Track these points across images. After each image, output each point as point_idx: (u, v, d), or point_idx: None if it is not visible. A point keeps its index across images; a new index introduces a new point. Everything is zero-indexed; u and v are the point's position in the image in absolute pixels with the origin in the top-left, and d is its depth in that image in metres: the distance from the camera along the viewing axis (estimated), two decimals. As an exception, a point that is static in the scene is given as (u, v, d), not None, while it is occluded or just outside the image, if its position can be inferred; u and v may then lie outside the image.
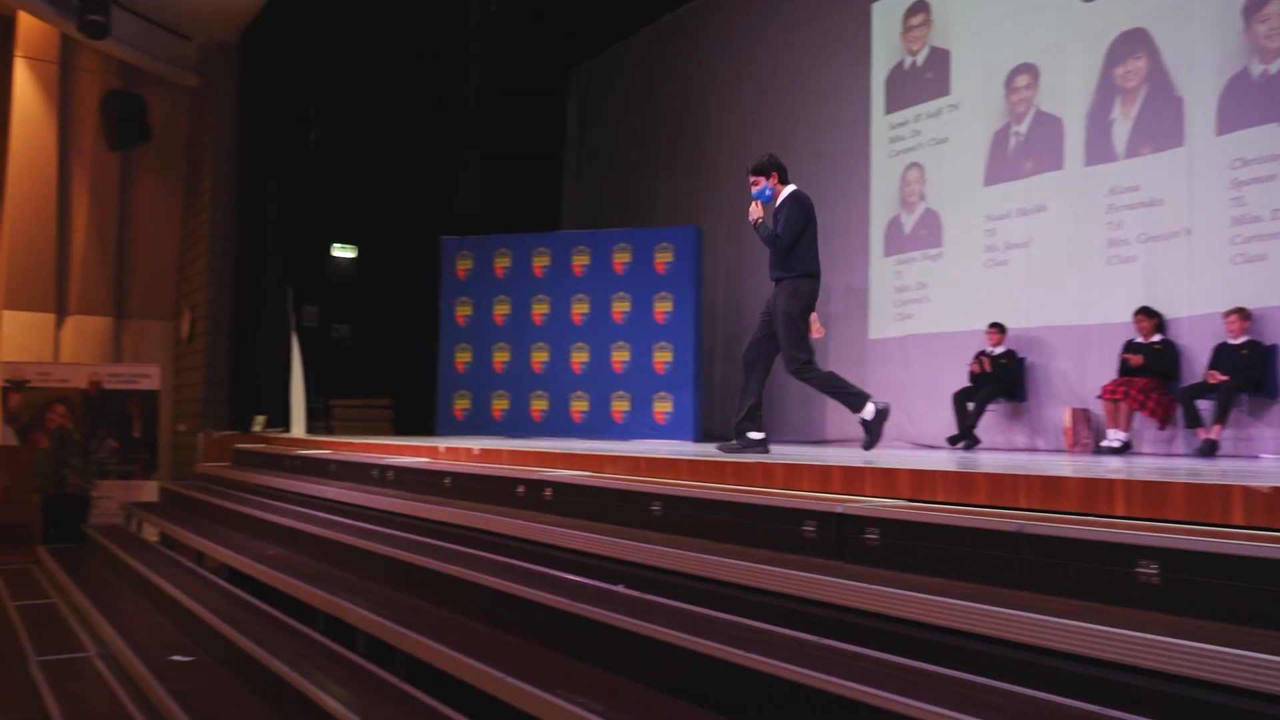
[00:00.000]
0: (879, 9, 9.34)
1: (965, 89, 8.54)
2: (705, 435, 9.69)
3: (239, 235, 11.39)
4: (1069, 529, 2.35)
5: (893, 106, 9.23)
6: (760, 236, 5.32)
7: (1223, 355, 6.46)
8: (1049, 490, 2.74)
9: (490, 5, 11.39)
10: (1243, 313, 6.38)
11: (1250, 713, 1.72)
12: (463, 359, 10.48)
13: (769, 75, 10.61)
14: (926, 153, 8.87)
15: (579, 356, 10.03)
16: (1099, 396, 7.06)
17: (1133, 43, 7.30)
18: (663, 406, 9.70)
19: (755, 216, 5.30)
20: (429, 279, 11.00)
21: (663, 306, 9.76)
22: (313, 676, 3.42)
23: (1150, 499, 2.55)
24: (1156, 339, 6.90)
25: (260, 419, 10.22)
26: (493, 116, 11.88)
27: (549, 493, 4.28)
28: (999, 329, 7.87)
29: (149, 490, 10.02)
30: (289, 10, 10.62)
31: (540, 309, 10.22)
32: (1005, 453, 7.11)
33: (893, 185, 9.19)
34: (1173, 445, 6.90)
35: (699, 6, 11.55)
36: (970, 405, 7.81)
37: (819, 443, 9.50)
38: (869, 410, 5.18)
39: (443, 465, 5.39)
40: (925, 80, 8.92)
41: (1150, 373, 6.80)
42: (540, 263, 10.25)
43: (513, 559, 3.94)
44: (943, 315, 8.59)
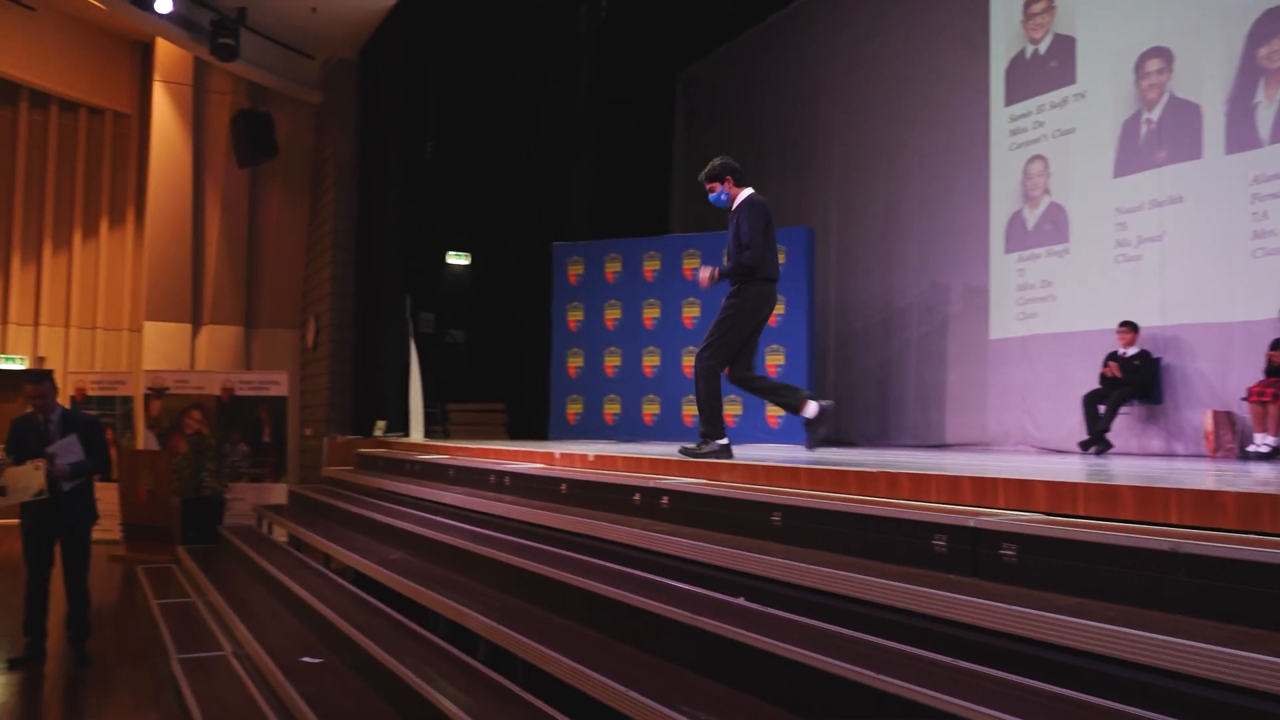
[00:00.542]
0: (998, -2, 9.02)
1: (1092, 77, 8.17)
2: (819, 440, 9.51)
3: (360, 246, 11.76)
4: (1230, 549, 2.18)
5: (1013, 98, 8.89)
6: (725, 272, 5.07)
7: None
8: (1204, 505, 2.56)
9: (600, 11, 11.45)
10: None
11: None
12: (574, 363, 10.56)
13: (881, 71, 10.37)
14: (1050, 144, 8.52)
15: (690, 360, 9.97)
16: (1244, 399, 6.64)
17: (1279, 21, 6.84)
18: (775, 411, 9.55)
19: (705, 279, 5.12)
20: (541, 285, 11.13)
21: (775, 309, 9.61)
22: (436, 683, 3.47)
23: (1319, 515, 2.35)
24: (1309, 336, 6.44)
25: (381, 424, 10.52)
26: (603, 122, 11.97)
27: (665, 500, 4.25)
28: (1131, 328, 7.48)
29: (278, 493, 10.44)
30: (405, 25, 10.92)
31: (651, 313, 10.22)
32: (1141, 458, 6.74)
33: (1014, 179, 8.86)
34: (1329, 451, 6.44)
35: (808, 4, 11.39)
36: (1101, 408, 7.44)
37: (938, 447, 9.23)
38: (811, 408, 5.03)
39: (558, 471, 5.42)
40: (1049, 69, 8.57)
41: (1302, 373, 6.36)
42: (651, 266, 10.25)
43: (629, 567, 3.92)
44: (1069, 314, 8.22)
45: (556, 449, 6.14)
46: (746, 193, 5.15)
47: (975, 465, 4.32)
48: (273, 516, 8.43)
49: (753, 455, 5.60)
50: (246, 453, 10.72)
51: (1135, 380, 7.40)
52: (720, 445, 5.03)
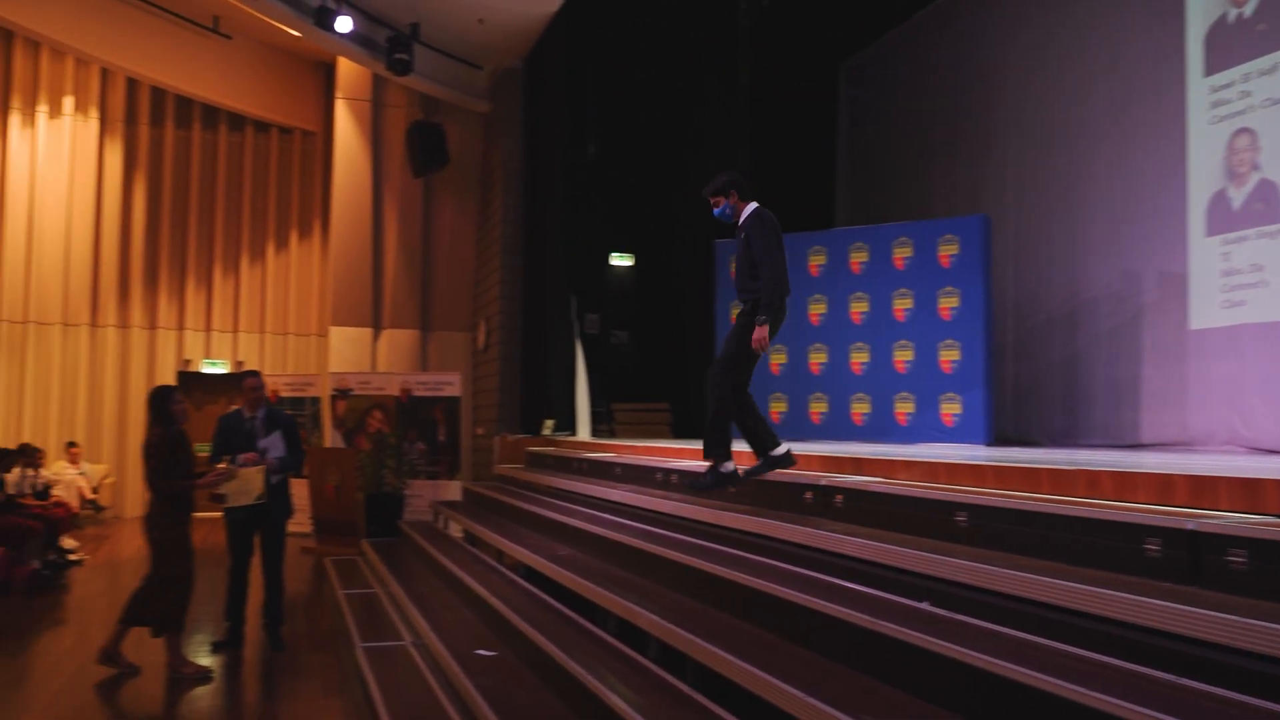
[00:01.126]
0: (1195, -40, 8.32)
1: (1309, 38, 7.40)
2: (998, 439, 9.05)
3: (527, 249, 12.04)
4: None
5: (1214, 67, 8.16)
6: (765, 306, 4.75)
7: None
8: None
9: (761, 4, 11.30)
10: None
11: None
12: (777, 360, 10.41)
13: (1062, 48, 9.75)
14: (1259, 116, 7.76)
15: (859, 357, 9.69)
16: None
17: None
18: (950, 408, 9.14)
19: (763, 339, 4.81)
20: (704, 283, 11.06)
21: (948, 302, 9.21)
22: (607, 680, 3.44)
23: None
24: None
25: (549, 423, 10.71)
26: (764, 117, 11.79)
27: (839, 499, 4.08)
28: (1361, 314, 6.72)
29: (452, 490, 10.80)
30: (568, 30, 11.09)
31: (817, 309, 9.97)
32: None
33: (1216, 155, 8.13)
34: None
35: (980, -16, 10.86)
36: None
37: (1132, 446, 8.58)
38: (780, 448, 4.73)
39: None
40: (1256, 34, 7.81)
41: None
42: (816, 261, 10.01)
43: (802, 568, 3.78)
44: (1285, 300, 7.47)
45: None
46: (752, 207, 4.97)
47: (1184, 464, 3.95)
48: (448, 513, 8.71)
49: (928, 453, 5.34)
50: (423, 451, 11.15)
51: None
52: (781, 454, 4.75)
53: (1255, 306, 7.74)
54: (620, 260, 13.33)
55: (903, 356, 9.47)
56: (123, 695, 4.95)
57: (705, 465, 4.91)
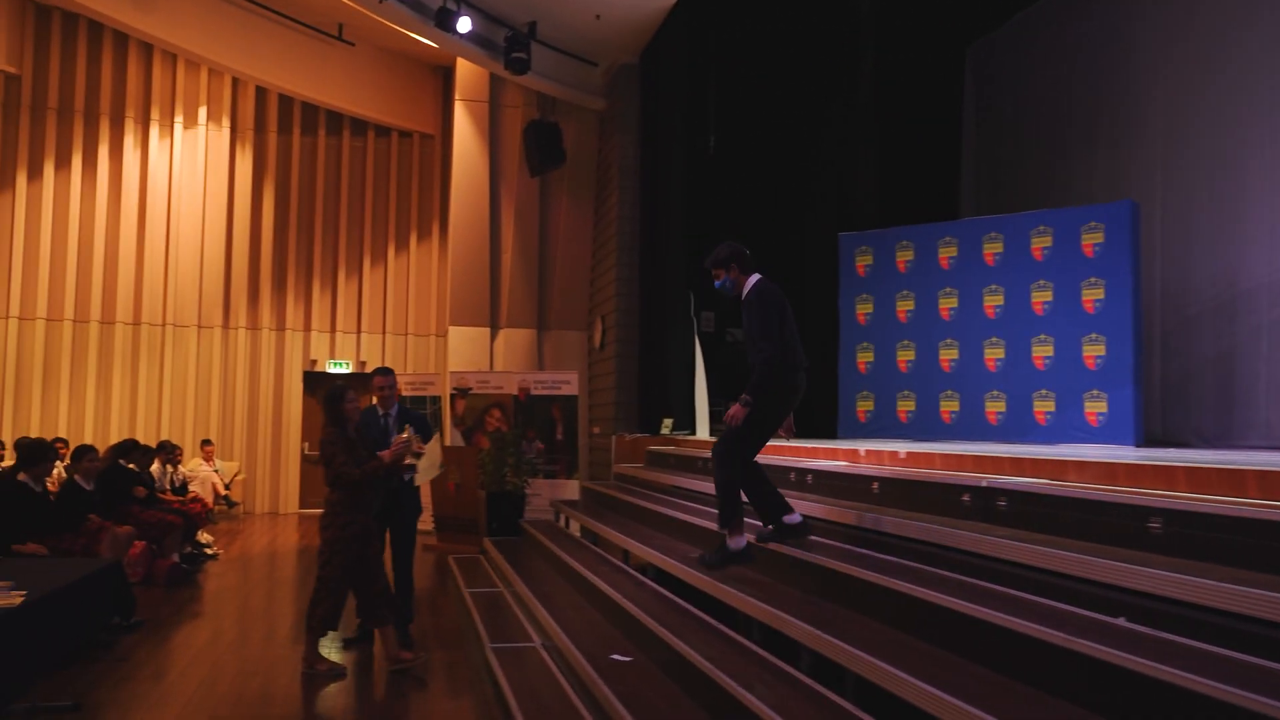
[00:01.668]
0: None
1: None
2: (1147, 439, 8.46)
3: (644, 247, 11.90)
4: None
5: (1399, 33, 7.44)
6: (753, 385, 4.62)
7: None
8: None
9: (883, -13, 10.91)
10: None
11: None
12: (864, 359, 10.06)
13: (1220, 21, 9.07)
14: None
15: (994, 353, 9.21)
16: None
17: None
18: (1095, 406, 8.59)
19: (737, 414, 4.59)
20: (823, 278, 10.73)
21: (1092, 294, 8.66)
22: (756, 690, 3.22)
23: None
24: None
25: (668, 422, 10.54)
26: (887, 105, 11.36)
27: (1003, 502, 3.77)
28: None
29: (571, 489, 10.75)
30: (685, 23, 10.91)
31: (948, 303, 9.52)
32: None
33: (1402, 130, 7.41)
34: None
35: (1121, -43, 10.22)
36: None
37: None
38: (739, 540, 4.51)
39: (867, 469, 5.04)
40: None
41: None
42: (947, 253, 9.56)
43: (965, 575, 3.49)
44: None
45: (862, 446, 5.77)
46: (754, 279, 4.76)
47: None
48: (570, 511, 8.63)
49: (1092, 454, 4.94)
50: (541, 450, 11.13)
51: None
52: (797, 522, 4.54)
53: None
54: (735, 258, 13.09)
55: (1042, 352, 8.96)
56: (258, 691, 4.98)
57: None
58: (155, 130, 13.76)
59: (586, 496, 9.44)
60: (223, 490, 12.91)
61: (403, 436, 5.32)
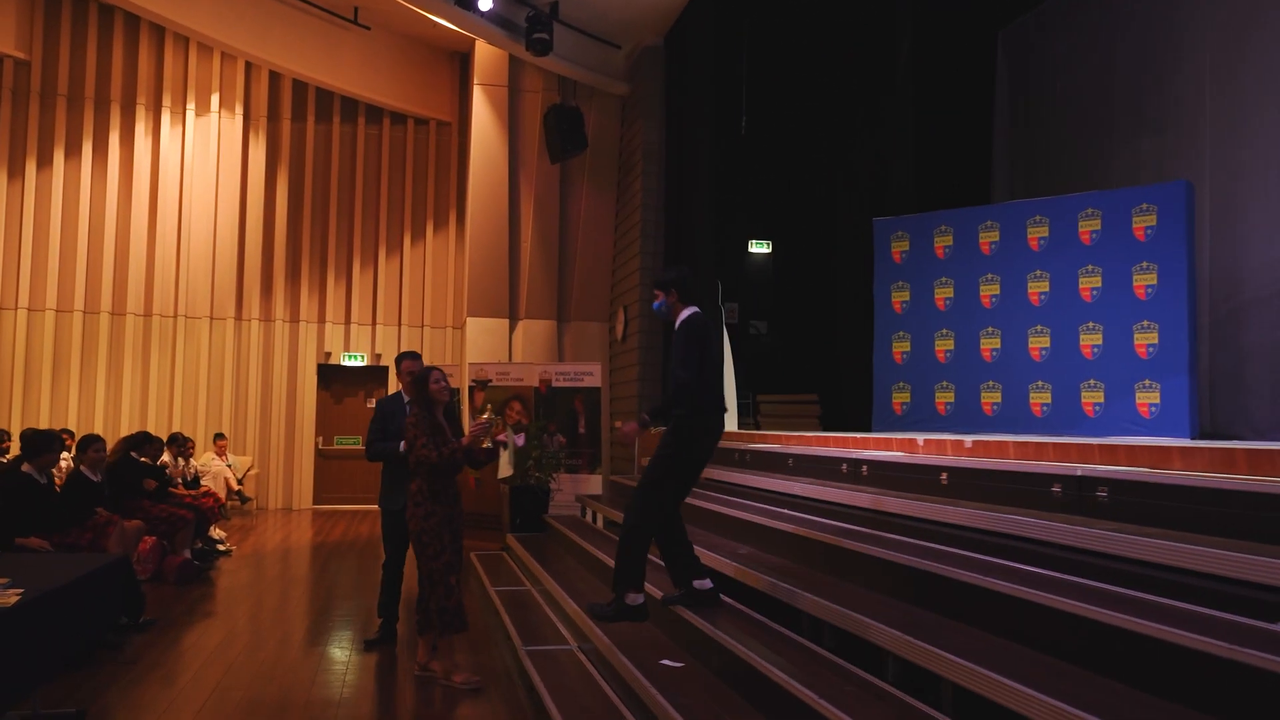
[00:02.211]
0: None
1: None
2: (1199, 432, 8.06)
3: (669, 234, 11.53)
4: None
5: None
6: (656, 410, 4.52)
7: None
8: None
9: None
10: None
11: None
12: (900, 349, 9.68)
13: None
14: None
15: (1038, 342, 8.81)
16: None
17: None
18: (1148, 397, 8.19)
19: (631, 432, 4.50)
20: (854, 267, 10.36)
21: (1144, 280, 8.26)
22: (841, 703, 2.85)
23: None
24: None
25: (695, 414, 10.16)
26: (923, 90, 10.96)
27: (1103, 493, 3.39)
28: None
29: (594, 483, 10.38)
30: (713, 6, 10.54)
31: (989, 290, 9.14)
32: None
33: None
34: None
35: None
36: None
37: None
38: (636, 597, 4.28)
39: (936, 459, 4.67)
40: None
41: None
42: (988, 238, 9.17)
43: (1069, 574, 3.11)
44: None
45: (920, 436, 5.39)
46: (688, 312, 4.51)
47: None
48: (596, 505, 8.27)
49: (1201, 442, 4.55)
50: (562, 443, 10.77)
51: None
52: (636, 605, 4.33)
53: None
54: (758, 248, 12.74)
55: (1090, 341, 8.57)
56: (276, 698, 4.64)
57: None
58: (167, 117, 13.45)
59: (612, 491, 9.08)
60: (235, 485, 12.60)
61: (484, 418, 4.86)
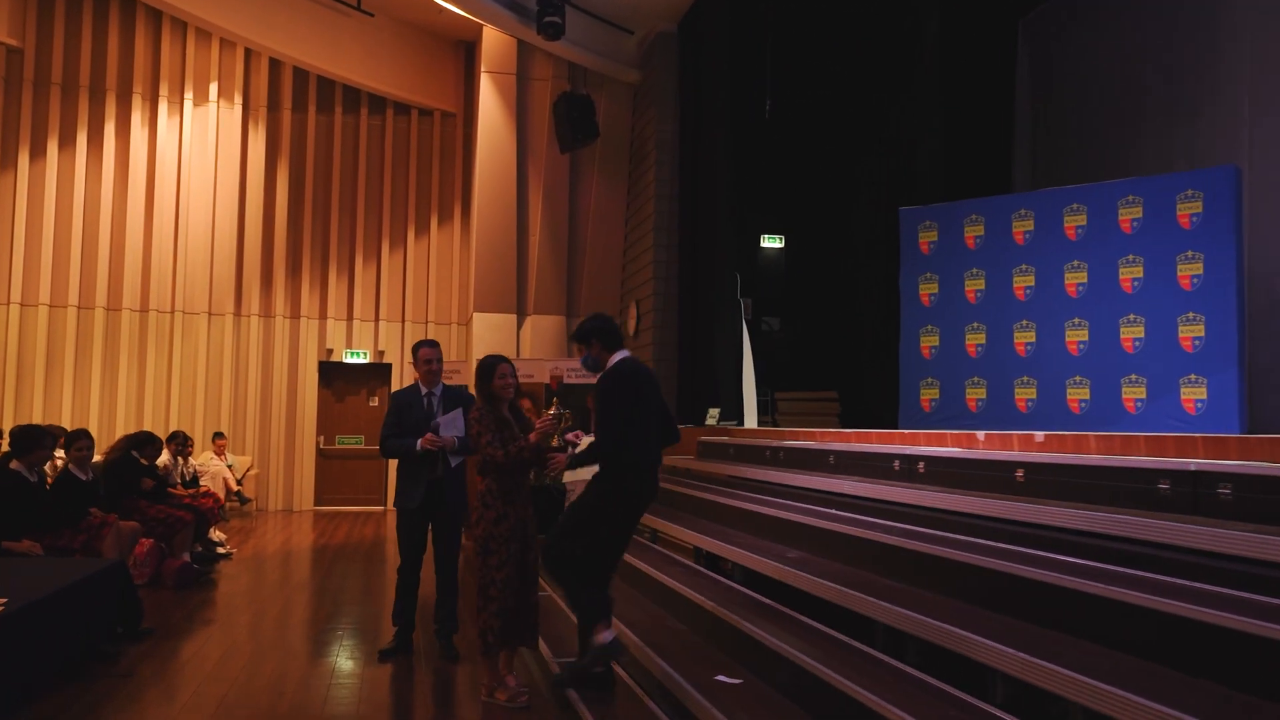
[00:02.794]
0: None
1: None
2: (1247, 430, 7.70)
3: (684, 226, 11.15)
4: None
5: None
6: (583, 455, 4.29)
7: None
8: None
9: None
10: None
11: None
12: (929, 343, 9.29)
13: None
14: None
15: (1076, 335, 8.44)
16: None
17: None
18: (1194, 393, 7.82)
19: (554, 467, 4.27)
20: (876, 258, 9.99)
21: (1189, 269, 7.89)
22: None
23: None
24: None
25: (714, 412, 9.80)
26: (949, 77, 10.58)
27: (1225, 489, 3.01)
28: None
29: (609, 484, 9.98)
30: (729, -14, 10.19)
31: (1023, 281, 8.76)
32: None
33: None
34: None
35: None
36: None
37: None
38: (606, 634, 3.93)
39: (1003, 455, 4.29)
40: None
41: None
42: (1022, 228, 8.80)
43: (1194, 580, 2.73)
44: None
45: (980, 432, 5.01)
46: (617, 358, 4.18)
47: None
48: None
49: None
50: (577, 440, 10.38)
51: None
52: (607, 643, 3.98)
53: None
54: (771, 243, 12.38)
55: (1131, 334, 8.20)
56: (286, 715, 4.25)
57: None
58: (164, 107, 13.05)
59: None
60: (235, 485, 12.19)
61: (550, 413, 4.34)
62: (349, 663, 5.10)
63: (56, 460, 7.49)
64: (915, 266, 9.43)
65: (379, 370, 13.75)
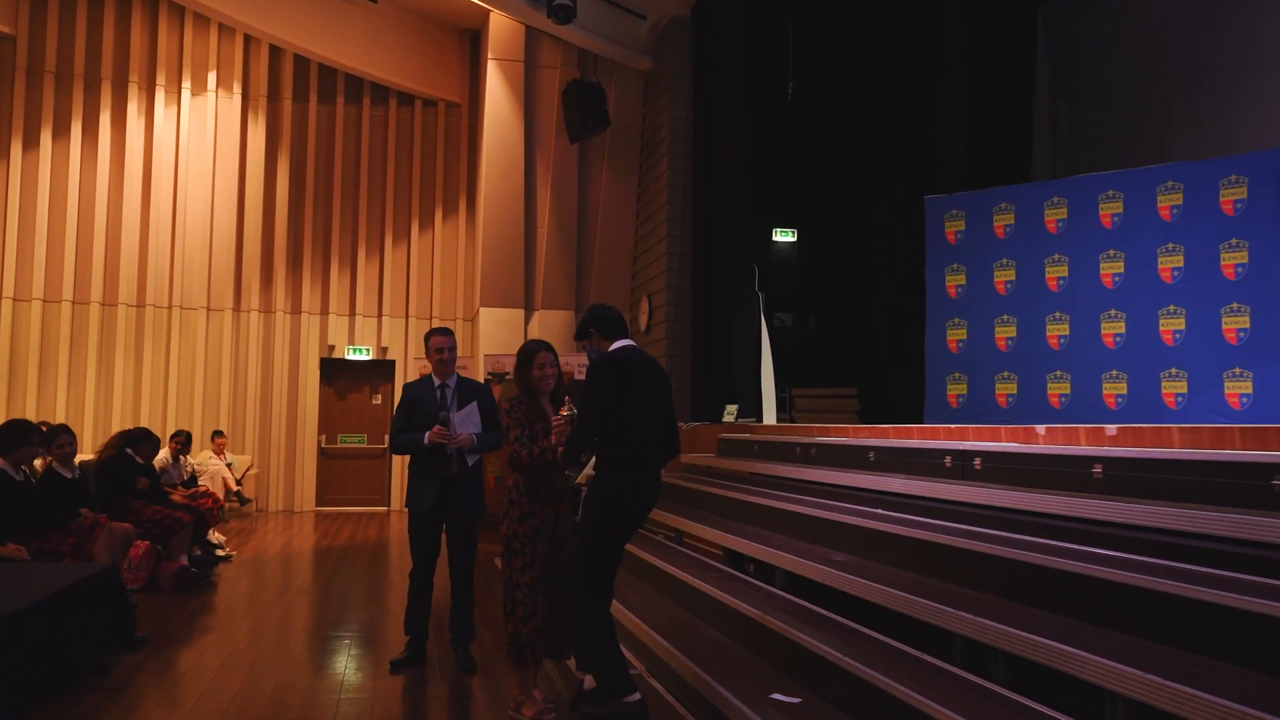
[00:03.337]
0: None
1: None
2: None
3: (698, 218, 10.80)
4: None
5: None
6: (565, 456, 3.81)
7: None
8: None
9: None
10: None
11: None
12: (956, 336, 8.94)
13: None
14: None
15: (1113, 327, 8.10)
16: None
17: None
18: (1238, 387, 7.48)
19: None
20: (906, 246, 9.64)
21: (1234, 258, 7.55)
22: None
23: None
24: None
25: (731, 408, 9.45)
26: (974, 65, 10.23)
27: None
28: None
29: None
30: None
31: (1056, 272, 8.42)
32: None
33: None
34: None
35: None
36: None
37: None
38: (635, 696, 3.53)
39: (1072, 450, 3.93)
40: None
41: None
42: (1054, 216, 8.45)
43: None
44: None
45: (1040, 426, 4.66)
46: (615, 346, 3.81)
47: None
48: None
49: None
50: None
51: None
52: (633, 701, 3.56)
53: None
54: (782, 236, 12.05)
55: (1171, 326, 7.86)
56: (294, 731, 3.89)
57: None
58: (161, 96, 12.69)
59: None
60: (234, 486, 11.83)
61: (564, 413, 3.95)
62: (358, 674, 4.75)
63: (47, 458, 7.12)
64: (942, 257, 9.08)
65: (382, 367, 13.40)
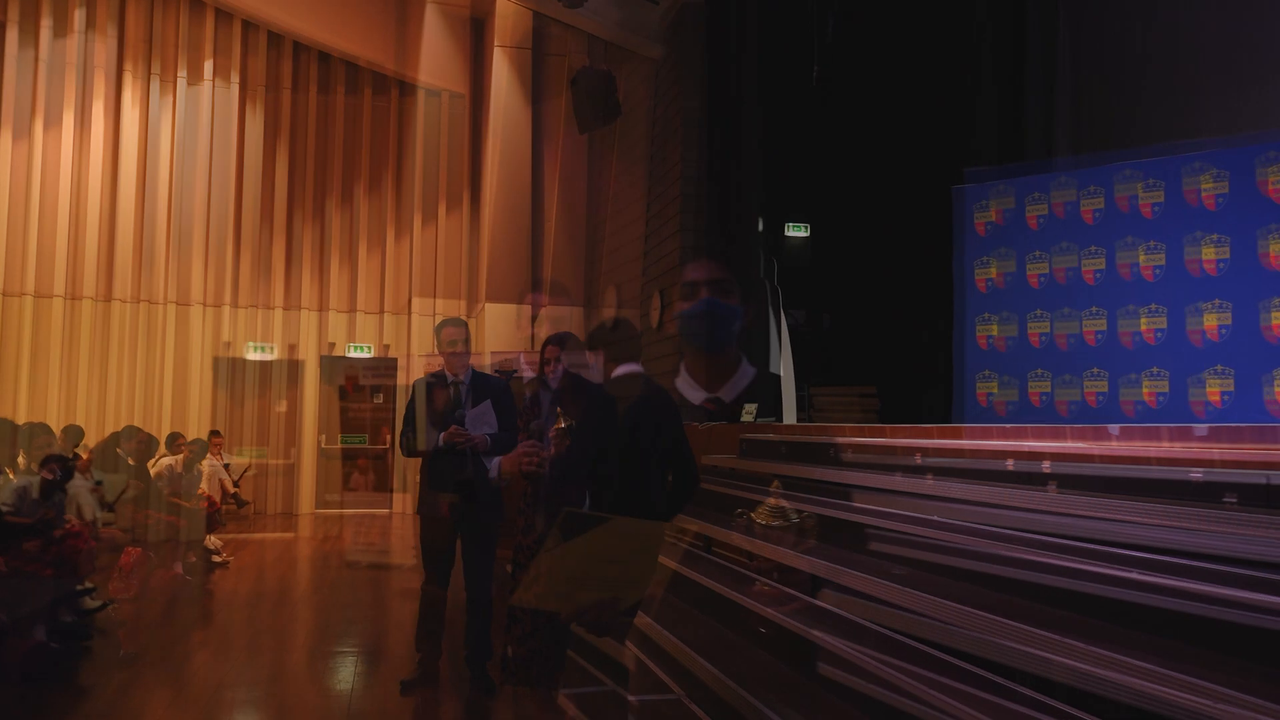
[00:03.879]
0: None
1: None
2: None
3: (711, 212, 10.42)
4: None
5: None
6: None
7: None
8: None
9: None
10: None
11: None
12: (986, 333, 8.59)
13: None
14: None
15: (1153, 323, 7.73)
16: None
17: None
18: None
19: None
20: (933, 238, 9.27)
21: (1277, 247, 7.19)
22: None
23: None
24: None
25: (750, 408, 9.06)
26: (1001, 49, 9.87)
27: None
28: None
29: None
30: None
31: (1093, 264, 8.05)
32: None
33: None
34: None
35: None
36: None
37: None
38: None
39: (1176, 452, 3.55)
40: None
41: None
42: (1091, 205, 8.09)
43: None
44: None
45: (1112, 425, 4.29)
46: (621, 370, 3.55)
47: None
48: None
49: None
50: (599, 441, 9.68)
51: None
52: None
53: None
54: (795, 232, 11.69)
55: (1214, 321, 7.48)
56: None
57: None
58: (156, 86, 12.32)
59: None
60: (231, 488, 11.45)
61: (559, 426, 3.67)
62: (366, 696, 4.37)
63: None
64: (972, 249, 8.72)
65: (384, 365, 13.03)
